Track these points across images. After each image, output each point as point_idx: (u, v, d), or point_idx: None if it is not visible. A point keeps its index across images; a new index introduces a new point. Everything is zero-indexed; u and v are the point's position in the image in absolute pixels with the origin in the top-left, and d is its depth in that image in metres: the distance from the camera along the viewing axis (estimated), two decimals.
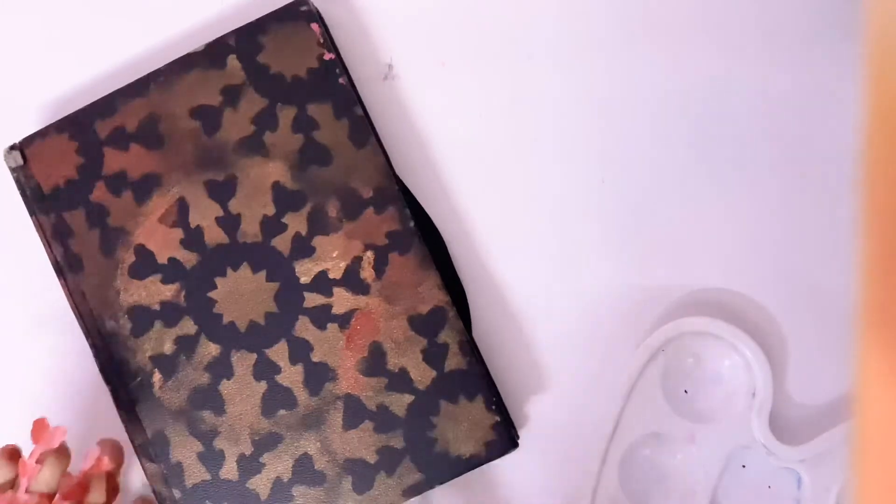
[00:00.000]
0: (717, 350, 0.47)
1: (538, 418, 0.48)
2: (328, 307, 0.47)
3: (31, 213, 0.48)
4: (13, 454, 0.45)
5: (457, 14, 0.49)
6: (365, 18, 0.49)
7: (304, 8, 0.47)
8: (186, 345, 0.47)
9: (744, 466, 0.47)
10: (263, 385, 0.46)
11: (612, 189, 0.48)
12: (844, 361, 0.47)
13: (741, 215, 0.48)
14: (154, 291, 0.47)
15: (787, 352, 0.47)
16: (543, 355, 0.48)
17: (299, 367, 0.46)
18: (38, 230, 0.48)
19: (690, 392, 0.47)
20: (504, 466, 0.47)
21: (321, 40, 0.47)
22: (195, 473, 0.46)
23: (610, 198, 0.48)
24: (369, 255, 0.47)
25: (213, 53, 0.48)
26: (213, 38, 0.48)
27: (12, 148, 0.48)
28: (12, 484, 0.44)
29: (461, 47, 0.49)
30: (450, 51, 0.49)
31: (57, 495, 0.44)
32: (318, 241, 0.47)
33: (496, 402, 0.46)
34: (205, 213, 0.47)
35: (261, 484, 0.46)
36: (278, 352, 0.47)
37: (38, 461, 0.44)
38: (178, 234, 0.47)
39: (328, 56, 0.47)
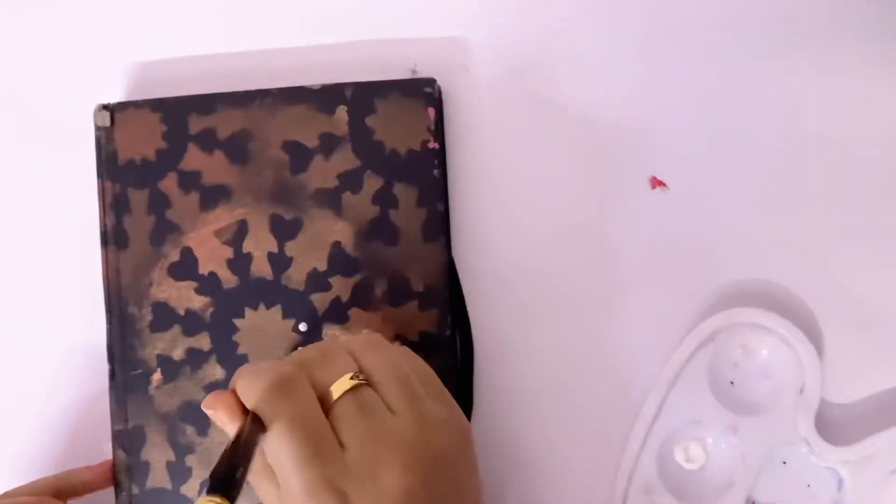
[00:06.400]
0: (768, 343, 0.46)
1: (580, 394, 0.47)
2: None
3: (100, 176, 0.48)
4: None
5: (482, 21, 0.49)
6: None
7: (428, 90, 0.47)
8: (196, 358, 0.47)
9: (784, 463, 0.46)
10: None
11: (670, 178, 0.48)
12: None
13: (801, 212, 0.47)
14: (185, 297, 0.47)
15: (839, 351, 0.46)
16: (592, 333, 0.48)
17: None
18: (99, 195, 0.48)
19: (737, 383, 0.46)
20: (541, 444, 0.47)
21: (432, 127, 0.47)
22: (158, 478, 0.47)
23: (669, 185, 0.48)
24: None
25: (325, 96, 0.47)
26: (332, 81, 0.48)
27: (105, 107, 0.48)
28: None
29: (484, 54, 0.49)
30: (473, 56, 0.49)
31: None
32: (354, 311, 0.47)
33: None
34: (260, 244, 0.47)
35: None
36: None
37: None
38: (228, 252, 0.47)
39: (433, 145, 0.47)
